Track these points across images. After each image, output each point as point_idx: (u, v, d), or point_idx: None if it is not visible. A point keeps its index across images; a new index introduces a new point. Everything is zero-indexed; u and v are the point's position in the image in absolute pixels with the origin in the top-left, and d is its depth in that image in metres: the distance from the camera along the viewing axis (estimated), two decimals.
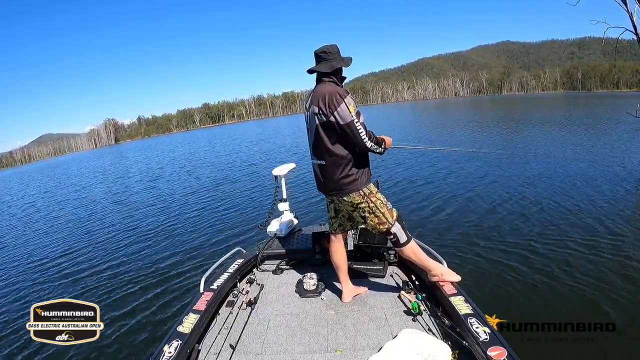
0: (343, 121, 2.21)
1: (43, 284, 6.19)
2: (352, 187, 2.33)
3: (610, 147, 12.36)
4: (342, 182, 2.33)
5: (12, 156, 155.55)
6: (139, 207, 11.37)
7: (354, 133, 2.22)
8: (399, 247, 2.44)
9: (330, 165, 2.34)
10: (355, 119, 2.21)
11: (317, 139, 2.35)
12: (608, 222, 5.77)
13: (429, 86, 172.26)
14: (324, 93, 2.27)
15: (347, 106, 2.21)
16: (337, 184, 2.36)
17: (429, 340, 1.99)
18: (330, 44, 2.38)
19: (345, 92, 2.26)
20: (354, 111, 2.22)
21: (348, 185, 2.33)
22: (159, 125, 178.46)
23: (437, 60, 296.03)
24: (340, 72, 2.41)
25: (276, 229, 3.57)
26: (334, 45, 2.39)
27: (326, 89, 2.28)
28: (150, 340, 3.97)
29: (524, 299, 3.95)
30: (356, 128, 2.21)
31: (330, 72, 2.35)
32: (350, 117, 2.20)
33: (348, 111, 2.20)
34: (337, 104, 2.21)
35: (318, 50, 2.37)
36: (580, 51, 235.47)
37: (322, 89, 2.31)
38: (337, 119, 2.22)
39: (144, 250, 7.07)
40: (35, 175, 41.41)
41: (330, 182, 2.38)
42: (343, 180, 2.33)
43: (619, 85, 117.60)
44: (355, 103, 2.27)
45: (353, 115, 2.21)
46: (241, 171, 15.63)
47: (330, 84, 2.33)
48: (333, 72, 2.36)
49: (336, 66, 2.35)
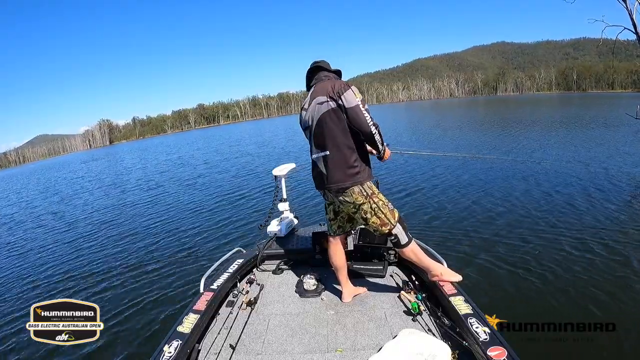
0: (349, 104, 2.27)
1: (43, 284, 6.16)
2: (356, 178, 2.33)
3: (610, 147, 12.45)
4: (347, 172, 2.33)
5: (7, 157, 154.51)
6: (139, 208, 11.32)
7: (359, 116, 2.27)
8: (400, 248, 2.44)
9: (335, 154, 2.34)
10: (361, 104, 2.28)
11: (322, 129, 2.35)
12: (608, 222, 5.80)
13: (424, 87, 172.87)
14: (328, 85, 2.36)
15: (354, 92, 2.29)
16: (341, 175, 2.34)
17: (429, 340, 1.99)
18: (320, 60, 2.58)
19: (349, 84, 2.34)
20: (360, 98, 2.29)
21: (352, 176, 2.33)
22: (154, 126, 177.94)
23: (432, 60, 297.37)
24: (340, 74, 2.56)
25: (276, 229, 3.57)
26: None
27: (330, 82, 2.38)
28: (150, 340, 3.95)
29: (524, 299, 3.96)
30: (361, 111, 2.27)
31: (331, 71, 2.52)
32: (357, 101, 2.27)
33: (354, 96, 2.27)
34: (344, 89, 2.29)
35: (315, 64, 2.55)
36: (575, 52, 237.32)
37: (325, 83, 2.40)
38: (344, 102, 2.28)
39: (144, 251, 7.05)
40: (35, 176, 41.10)
41: (335, 172, 2.35)
42: (348, 171, 2.33)
43: (613, 86, 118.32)
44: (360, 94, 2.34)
45: (359, 101, 2.27)
46: (241, 171, 15.60)
47: (333, 79, 2.44)
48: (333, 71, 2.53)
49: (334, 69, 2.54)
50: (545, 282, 4.25)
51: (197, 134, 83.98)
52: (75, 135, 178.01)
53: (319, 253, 3.26)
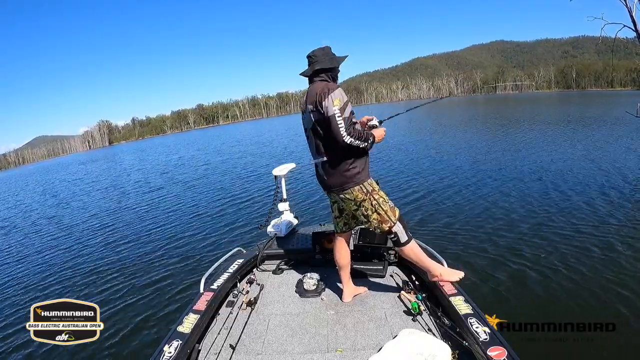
0: (327, 114, 2.25)
1: (43, 284, 6.16)
2: (356, 179, 2.35)
3: (610, 146, 12.45)
4: (345, 175, 2.35)
5: (6, 159, 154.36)
6: (138, 208, 11.32)
7: (333, 127, 2.23)
8: (400, 246, 2.45)
9: (332, 160, 2.37)
10: (338, 113, 2.22)
11: (317, 137, 2.39)
12: (607, 221, 5.80)
13: (423, 86, 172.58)
14: (315, 90, 2.33)
15: (332, 100, 2.23)
16: (340, 178, 2.37)
17: (429, 340, 1.99)
18: (321, 47, 2.45)
19: (335, 87, 2.30)
20: (339, 105, 2.23)
21: (351, 178, 2.35)
22: (153, 126, 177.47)
23: (431, 59, 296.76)
24: (331, 70, 2.45)
25: (276, 229, 3.57)
26: (324, 47, 2.46)
27: (318, 87, 2.34)
28: (150, 340, 3.96)
29: (524, 299, 3.95)
30: (336, 122, 2.22)
31: (320, 72, 2.41)
32: (333, 110, 2.22)
33: (332, 105, 2.22)
34: (324, 97, 2.25)
35: (308, 54, 2.45)
36: (574, 50, 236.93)
37: (314, 87, 2.38)
38: (323, 111, 2.26)
39: (144, 251, 7.05)
40: (34, 177, 41.08)
41: (334, 177, 2.39)
42: (346, 174, 2.35)
43: (613, 84, 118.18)
44: (342, 98, 2.27)
45: (336, 110, 2.22)
46: (241, 172, 15.59)
47: (322, 82, 2.39)
48: (323, 71, 2.41)
49: (326, 66, 2.40)
50: (545, 282, 4.24)
51: (197, 135, 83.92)
52: (74, 136, 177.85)
53: (319, 253, 3.26)
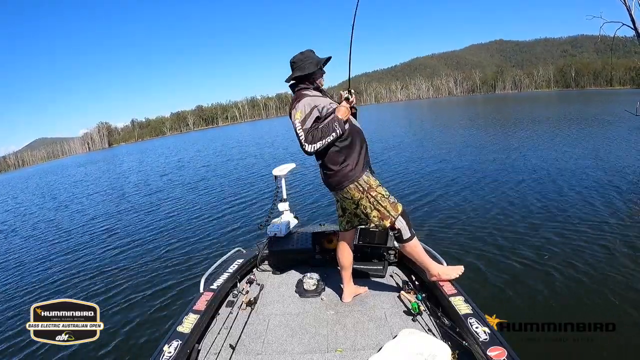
0: (293, 127, 2.33)
1: (43, 284, 6.18)
2: (349, 177, 2.37)
3: (609, 145, 12.48)
4: (340, 174, 2.38)
5: (6, 161, 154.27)
6: (138, 209, 11.33)
7: (297, 139, 2.32)
8: (402, 242, 2.43)
9: (325, 162, 2.42)
10: (298, 126, 2.30)
11: None
12: (607, 221, 5.79)
13: (423, 86, 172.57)
14: (291, 103, 2.43)
15: (295, 113, 2.32)
16: (335, 178, 2.40)
17: (429, 340, 1.99)
18: (301, 52, 2.49)
19: (301, 98, 2.35)
20: (299, 118, 2.30)
21: (345, 176, 2.37)
22: (153, 128, 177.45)
23: (430, 59, 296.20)
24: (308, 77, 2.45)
25: (276, 229, 3.57)
26: (303, 52, 2.49)
27: (293, 98, 2.43)
28: (150, 340, 3.97)
29: (524, 299, 3.95)
30: (297, 134, 2.32)
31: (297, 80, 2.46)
32: (295, 124, 2.33)
33: (295, 117, 2.32)
34: (291, 109, 2.38)
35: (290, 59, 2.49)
36: (573, 49, 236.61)
37: (294, 96, 2.45)
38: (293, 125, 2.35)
39: (144, 251, 7.07)
40: (34, 179, 41.06)
41: (331, 177, 2.42)
42: (340, 172, 2.38)
43: (612, 83, 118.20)
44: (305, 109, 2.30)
45: (297, 123, 2.30)
46: (241, 172, 15.61)
47: (298, 92, 2.44)
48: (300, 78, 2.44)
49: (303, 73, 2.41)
50: (545, 282, 4.24)
51: (196, 136, 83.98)
52: (74, 138, 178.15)
53: (319, 253, 3.26)
